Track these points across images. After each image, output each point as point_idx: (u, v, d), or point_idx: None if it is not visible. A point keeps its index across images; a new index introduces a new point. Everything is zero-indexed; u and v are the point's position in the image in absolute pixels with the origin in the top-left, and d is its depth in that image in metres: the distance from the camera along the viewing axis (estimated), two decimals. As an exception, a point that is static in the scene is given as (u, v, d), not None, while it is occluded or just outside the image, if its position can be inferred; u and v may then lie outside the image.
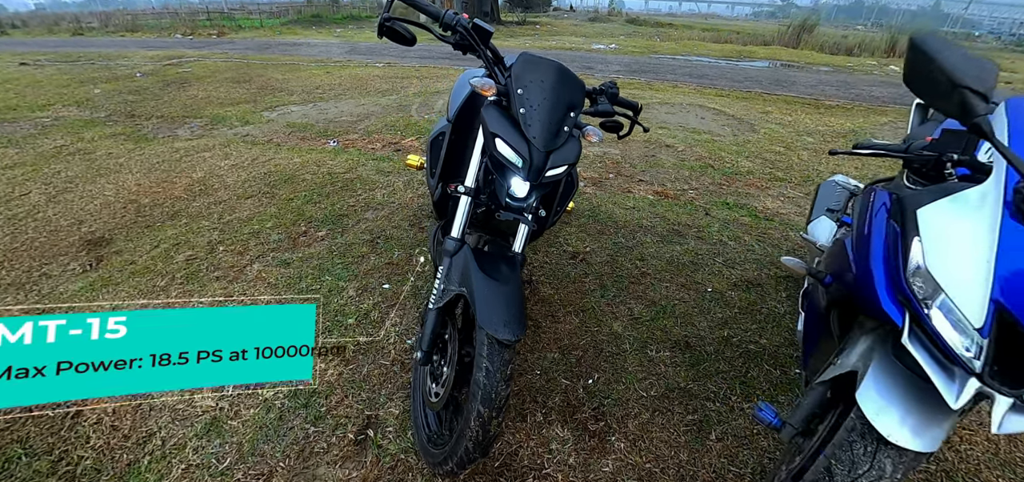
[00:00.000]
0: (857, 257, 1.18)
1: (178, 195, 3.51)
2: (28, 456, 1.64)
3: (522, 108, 1.26)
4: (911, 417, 1.03)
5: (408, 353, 2.01)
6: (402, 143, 4.67)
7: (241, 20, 20.38)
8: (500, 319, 1.22)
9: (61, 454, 1.65)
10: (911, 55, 0.98)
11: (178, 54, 11.05)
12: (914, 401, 1.05)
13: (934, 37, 0.94)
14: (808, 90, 8.47)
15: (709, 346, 2.18)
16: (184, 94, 6.98)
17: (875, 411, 1.05)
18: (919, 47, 0.95)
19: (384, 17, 1.37)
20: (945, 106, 0.95)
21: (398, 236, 2.90)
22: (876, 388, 1.08)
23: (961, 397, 0.93)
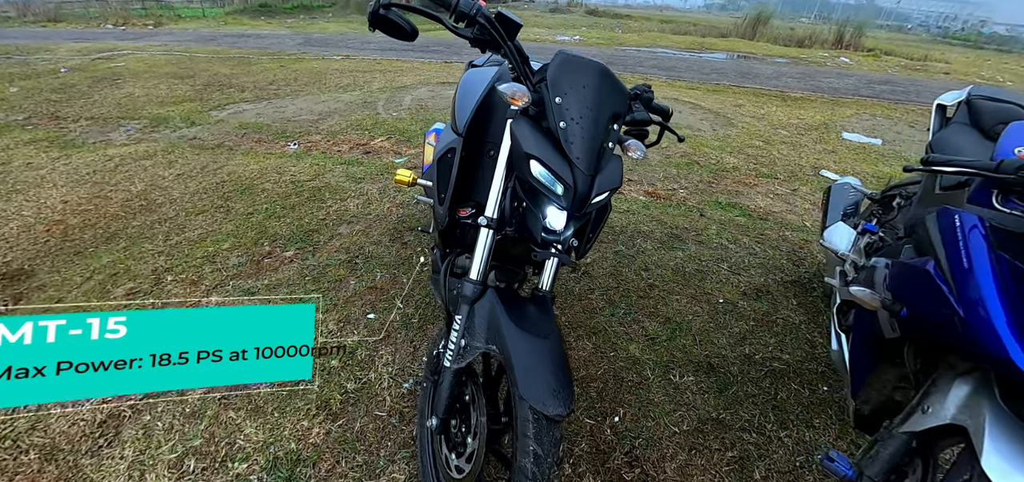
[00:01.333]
0: (962, 297, 1.00)
1: (114, 213, 3.03)
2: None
3: (562, 121, 1.01)
4: None
5: (406, 400, 1.73)
6: (371, 144, 4.31)
7: (181, 9, 18.94)
8: (547, 389, 0.98)
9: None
10: None
11: (109, 46, 10.02)
12: None
13: None
14: (772, 82, 8.62)
15: (733, 366, 2.02)
16: (118, 92, 6.27)
17: None
18: None
19: (380, 3, 1.07)
20: None
21: (379, 254, 2.58)
22: (1000, 453, 0.91)
23: None
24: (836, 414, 1.84)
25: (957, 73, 11.77)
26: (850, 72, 10.64)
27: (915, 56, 14.79)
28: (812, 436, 1.74)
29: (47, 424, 1.66)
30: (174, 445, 1.58)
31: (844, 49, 15.27)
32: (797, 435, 1.74)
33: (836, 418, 1.82)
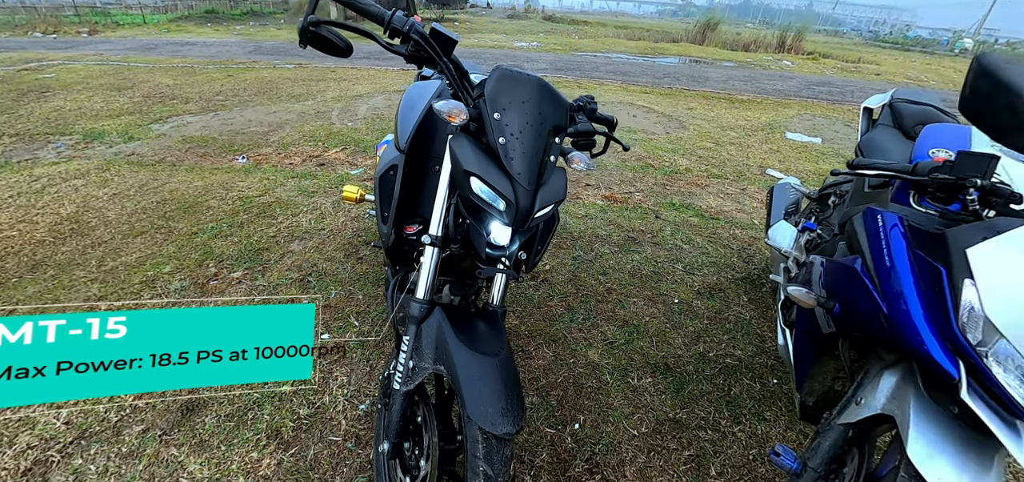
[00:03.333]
0: (886, 294, 1.06)
1: (40, 239, 2.81)
2: None
3: (501, 137, 1.00)
4: (967, 471, 0.93)
5: (363, 422, 1.68)
6: (325, 156, 4.19)
7: (119, 16, 17.88)
8: (496, 407, 0.96)
9: None
10: (981, 82, 0.84)
11: (37, 56, 9.34)
12: (964, 450, 0.96)
13: (1008, 63, 0.81)
14: (721, 85, 8.98)
15: (688, 365, 2.07)
16: (46, 105, 5.84)
17: (930, 467, 0.94)
18: (991, 73, 0.81)
19: (308, 19, 1.03)
20: (1018, 141, 0.82)
21: (333, 271, 2.51)
22: (924, 439, 0.97)
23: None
24: (786, 406, 1.92)
25: (887, 74, 12.63)
26: (792, 74, 11.23)
27: (850, 58, 15.78)
28: (764, 429, 1.81)
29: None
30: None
31: (787, 52, 16.12)
32: (750, 429, 1.80)
33: (786, 410, 1.90)
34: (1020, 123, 0.79)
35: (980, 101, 0.84)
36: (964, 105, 0.90)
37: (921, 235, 1.07)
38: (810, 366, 1.52)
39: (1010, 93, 0.78)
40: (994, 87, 0.80)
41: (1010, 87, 0.78)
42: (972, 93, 0.86)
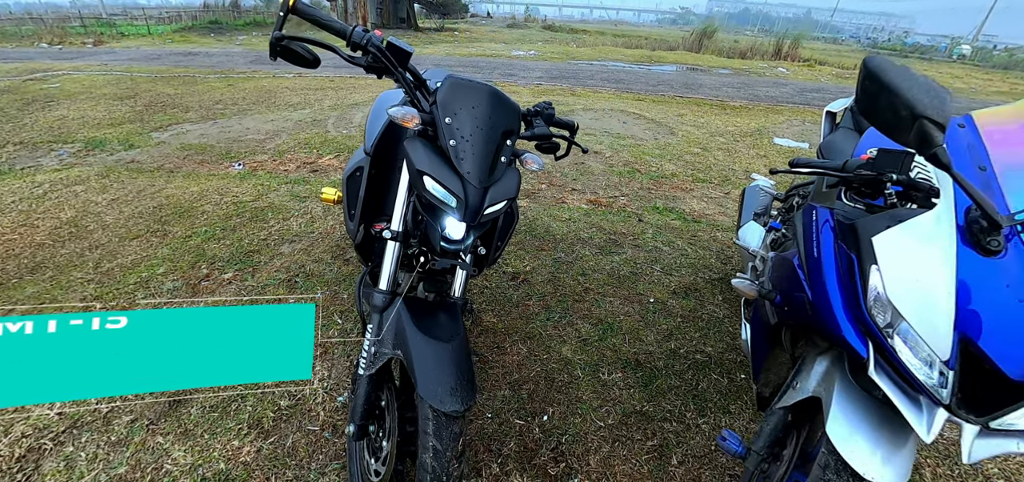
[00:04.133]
0: (811, 281, 1.15)
1: (40, 241, 2.91)
2: None
3: (452, 140, 1.10)
4: (880, 447, 1.01)
5: (340, 413, 1.76)
6: (319, 162, 4.30)
7: (124, 27, 18.17)
8: (445, 387, 1.05)
9: None
10: (867, 83, 0.92)
11: (43, 66, 9.52)
12: (879, 427, 1.04)
13: (891, 65, 0.90)
14: (714, 92, 9.10)
15: (658, 361, 2.15)
16: (50, 114, 5.98)
17: (846, 445, 1.01)
18: (877, 76, 0.89)
19: (276, 35, 1.13)
20: (902, 136, 0.90)
21: (320, 272, 2.60)
22: (844, 417, 1.05)
23: (932, 429, 0.91)
24: (751, 398, 1.99)
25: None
26: (786, 81, 11.34)
27: (846, 65, 15.89)
28: (728, 421, 1.88)
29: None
30: (98, 475, 1.55)
31: (782, 60, 16.26)
32: (714, 421, 1.88)
33: (751, 403, 1.97)
34: (901, 121, 0.87)
35: (869, 100, 0.92)
36: (857, 104, 0.98)
37: (843, 227, 1.15)
38: (764, 358, 1.59)
39: (891, 94, 0.86)
40: (879, 88, 0.88)
41: (891, 88, 0.86)
42: (863, 93, 0.94)
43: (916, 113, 0.84)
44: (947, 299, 0.87)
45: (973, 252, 0.90)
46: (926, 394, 0.91)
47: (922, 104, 0.83)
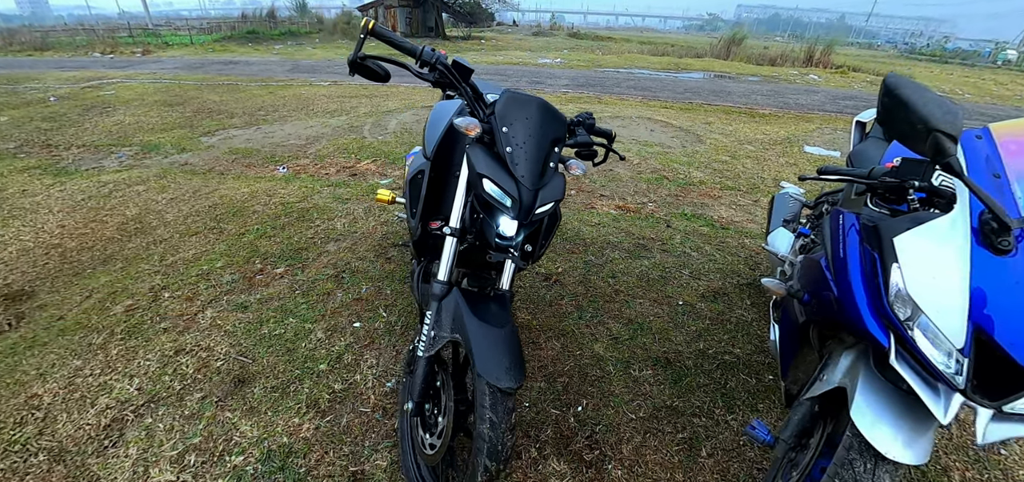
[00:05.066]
0: (837, 280, 1.23)
1: (110, 236, 3.18)
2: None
3: (508, 147, 1.23)
4: (902, 431, 1.09)
5: (389, 397, 1.90)
6: (358, 167, 4.51)
7: (168, 37, 19.12)
8: (500, 367, 1.17)
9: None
10: (886, 99, 1.03)
11: (98, 75, 10.16)
12: (902, 414, 1.11)
13: (908, 83, 1.00)
14: (742, 100, 9.04)
15: (688, 360, 2.22)
16: (108, 120, 6.41)
17: (870, 429, 1.09)
18: (894, 92, 1.00)
19: (358, 56, 1.29)
20: (919, 147, 1.00)
21: (364, 269, 2.77)
22: (868, 405, 1.12)
23: (949, 412, 0.99)
24: (778, 398, 2.05)
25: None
26: (818, 88, 11.15)
27: (881, 72, 15.48)
28: (756, 418, 1.94)
29: (54, 428, 1.80)
30: (175, 443, 1.73)
31: (814, 67, 15.95)
32: (743, 418, 1.94)
33: (778, 402, 2.03)
34: (916, 133, 0.98)
35: (888, 114, 1.03)
36: (879, 117, 1.09)
37: (868, 230, 1.23)
38: (793, 356, 1.66)
39: (908, 109, 0.97)
40: (896, 103, 0.99)
41: (907, 104, 0.97)
42: (883, 108, 1.05)
43: (930, 126, 0.94)
44: (961, 294, 0.96)
45: (987, 252, 0.98)
46: (943, 380, 0.99)
47: (935, 118, 0.93)
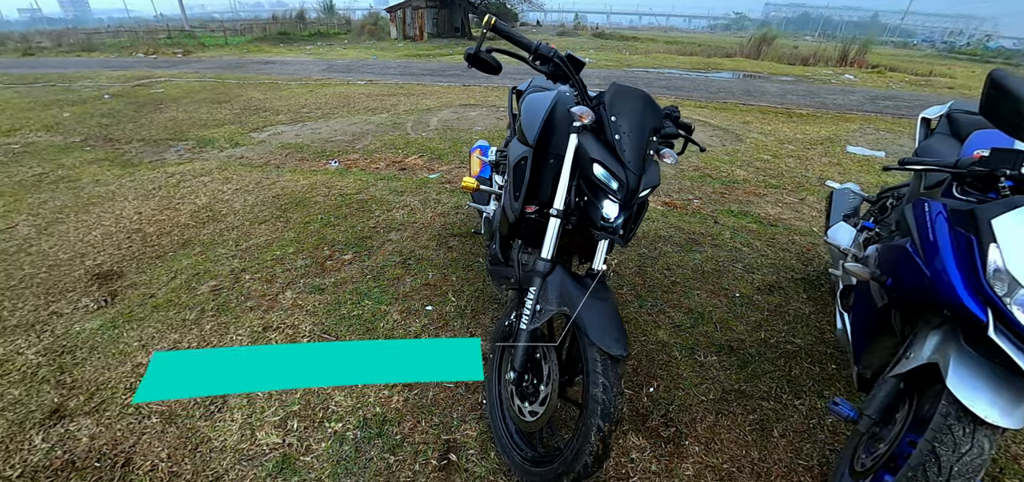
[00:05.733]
0: (928, 263, 1.28)
1: (185, 222, 3.38)
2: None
3: (617, 134, 1.33)
4: (999, 399, 1.14)
5: (469, 373, 2.01)
6: (406, 162, 4.65)
7: (204, 38, 19.78)
8: (611, 336, 1.27)
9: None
10: (992, 92, 1.11)
11: (145, 74, 10.62)
12: (997, 384, 1.16)
13: (1014, 78, 1.08)
14: (778, 99, 8.93)
15: (751, 349, 2.28)
16: (162, 116, 6.73)
17: (968, 397, 1.15)
18: (1001, 85, 1.08)
19: (476, 50, 1.42)
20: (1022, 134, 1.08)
21: (428, 257, 2.89)
22: (963, 376, 1.18)
23: None
24: (844, 387, 2.09)
25: (961, 87, 12.02)
26: (855, 88, 10.93)
27: (920, 71, 15.08)
28: (823, 404, 1.99)
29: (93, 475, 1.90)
30: (276, 410, 1.87)
31: (849, 66, 15.60)
32: (810, 403, 1.99)
33: (844, 390, 2.07)
34: (1022, 121, 1.05)
35: (993, 105, 1.11)
36: (982, 110, 1.16)
37: (957, 214, 1.29)
38: (868, 341, 1.71)
39: (1015, 100, 1.04)
40: (1002, 95, 1.07)
41: (1014, 94, 1.05)
42: (987, 100, 1.13)
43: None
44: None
45: None
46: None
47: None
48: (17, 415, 1.88)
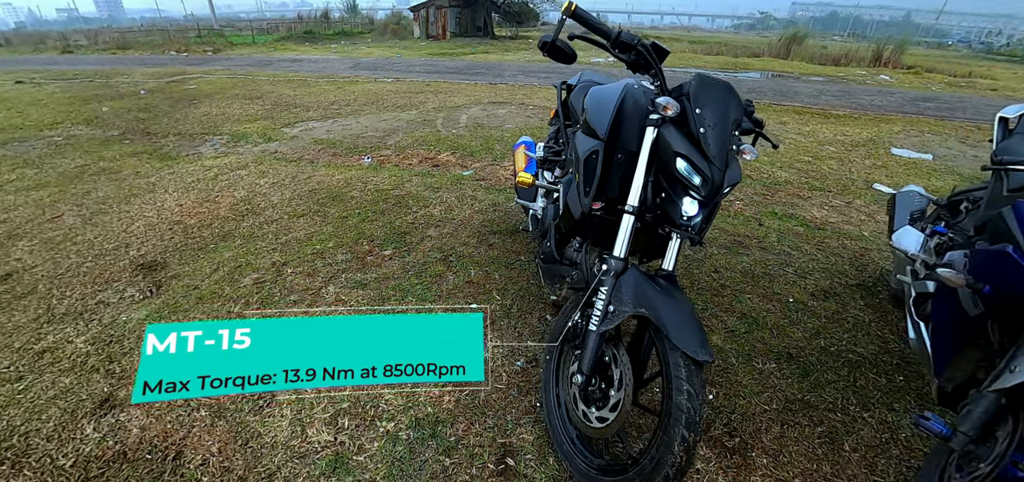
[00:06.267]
0: None
1: (224, 215, 3.40)
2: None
3: (701, 128, 1.25)
4: None
5: (520, 376, 1.95)
6: (438, 158, 4.62)
7: (233, 37, 20.19)
8: (695, 339, 1.19)
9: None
10: None
11: (178, 71, 10.85)
12: None
13: None
14: (812, 100, 8.67)
15: (811, 357, 2.17)
16: (197, 111, 6.84)
17: None
18: None
19: (554, 38, 1.37)
20: None
21: (469, 254, 2.84)
22: None
23: None
24: (915, 400, 1.97)
25: (1005, 88, 11.53)
26: (891, 89, 10.56)
27: (959, 73, 14.50)
28: (894, 418, 1.87)
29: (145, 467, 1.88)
30: (325, 407, 1.84)
31: (883, 67, 15.10)
32: (879, 416, 1.88)
33: (915, 404, 1.95)
34: None
35: None
36: None
37: None
38: (953, 353, 1.60)
39: None
40: None
41: None
42: None
43: None
44: None
45: None
46: None
47: None
48: (69, 403, 1.88)
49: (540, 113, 6.47)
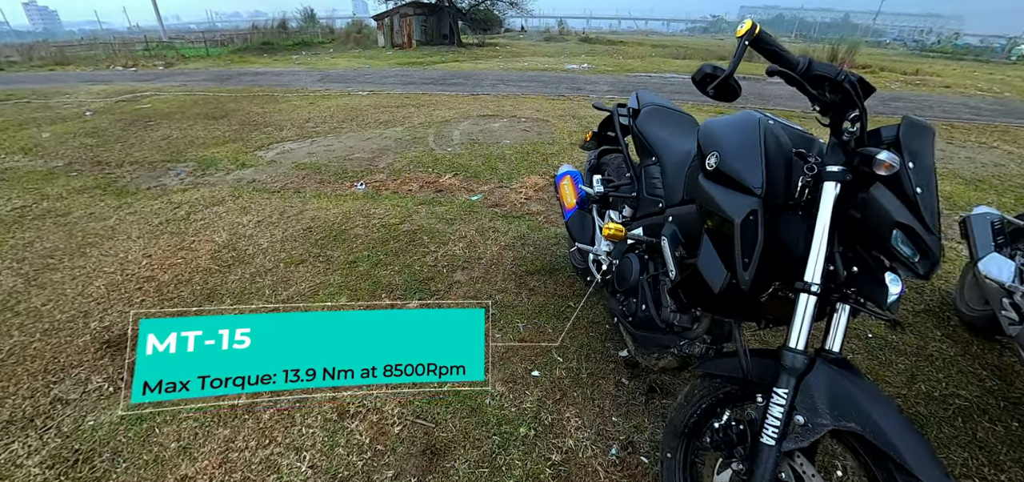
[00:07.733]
0: None
1: (205, 267, 2.89)
2: None
3: (918, 188, 0.97)
4: None
5: (618, 469, 1.61)
6: (441, 182, 4.22)
7: (185, 50, 18.95)
8: (938, 471, 0.90)
9: None
10: None
11: (128, 88, 9.91)
12: None
13: None
14: (788, 103, 8.77)
15: (919, 406, 1.93)
16: (153, 134, 6.15)
17: None
18: None
19: (730, 73, 1.12)
20: None
21: (510, 302, 2.47)
22: None
23: None
24: (1046, 454, 1.76)
25: (956, 85, 12.13)
26: (860, 90, 10.88)
27: (908, 70, 15.24)
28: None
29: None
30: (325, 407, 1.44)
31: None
32: (1014, 476, 1.66)
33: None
34: None
35: None
36: None
37: None
38: None
39: None
40: None
41: None
42: None
43: None
44: None
45: None
46: None
47: None
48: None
49: (536, 126, 6.16)
